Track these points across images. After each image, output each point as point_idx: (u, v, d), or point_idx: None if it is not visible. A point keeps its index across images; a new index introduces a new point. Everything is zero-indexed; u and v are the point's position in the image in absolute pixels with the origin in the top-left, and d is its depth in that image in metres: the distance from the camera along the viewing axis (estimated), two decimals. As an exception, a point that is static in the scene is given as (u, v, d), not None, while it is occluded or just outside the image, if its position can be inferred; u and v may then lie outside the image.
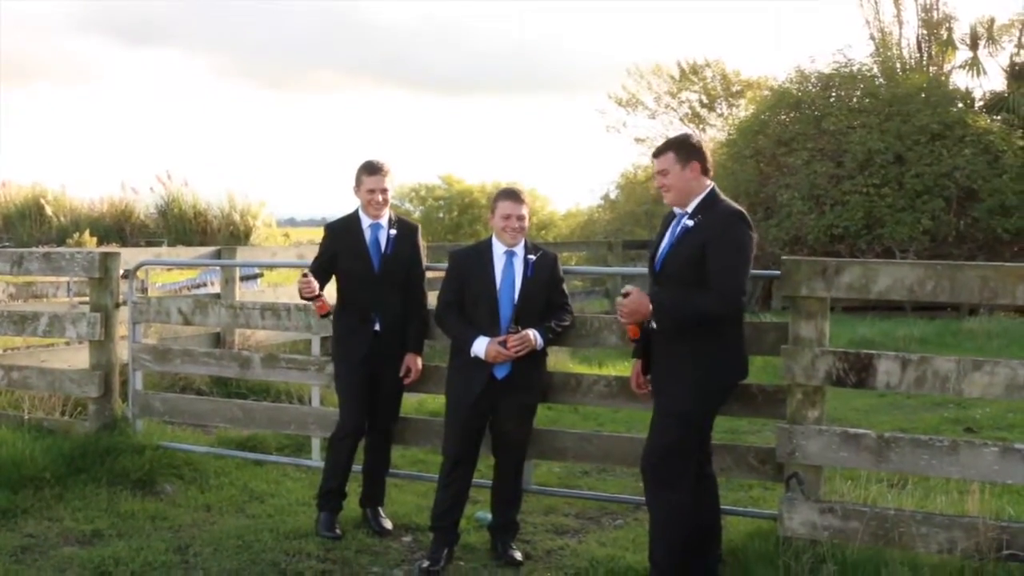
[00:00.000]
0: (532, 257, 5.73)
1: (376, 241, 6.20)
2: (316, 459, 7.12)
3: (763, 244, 20.08)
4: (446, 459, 5.79)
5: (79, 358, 8.54)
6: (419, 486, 6.92)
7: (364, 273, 6.17)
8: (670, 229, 5.15)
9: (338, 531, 6.11)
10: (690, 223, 4.99)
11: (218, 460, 7.38)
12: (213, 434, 8.27)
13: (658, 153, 5.14)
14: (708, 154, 5.15)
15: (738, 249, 4.87)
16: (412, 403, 8.73)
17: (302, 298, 6.12)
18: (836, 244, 20.00)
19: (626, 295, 4.88)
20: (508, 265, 5.70)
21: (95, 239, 22.67)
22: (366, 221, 6.22)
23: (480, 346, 5.58)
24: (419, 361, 6.32)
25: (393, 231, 6.22)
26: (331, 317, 6.30)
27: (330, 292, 6.28)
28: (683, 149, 5.08)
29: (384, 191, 6.19)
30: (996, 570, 4.71)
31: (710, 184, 5.09)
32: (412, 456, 7.67)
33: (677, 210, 5.13)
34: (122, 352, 7.81)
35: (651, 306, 4.85)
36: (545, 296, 5.74)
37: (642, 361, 5.39)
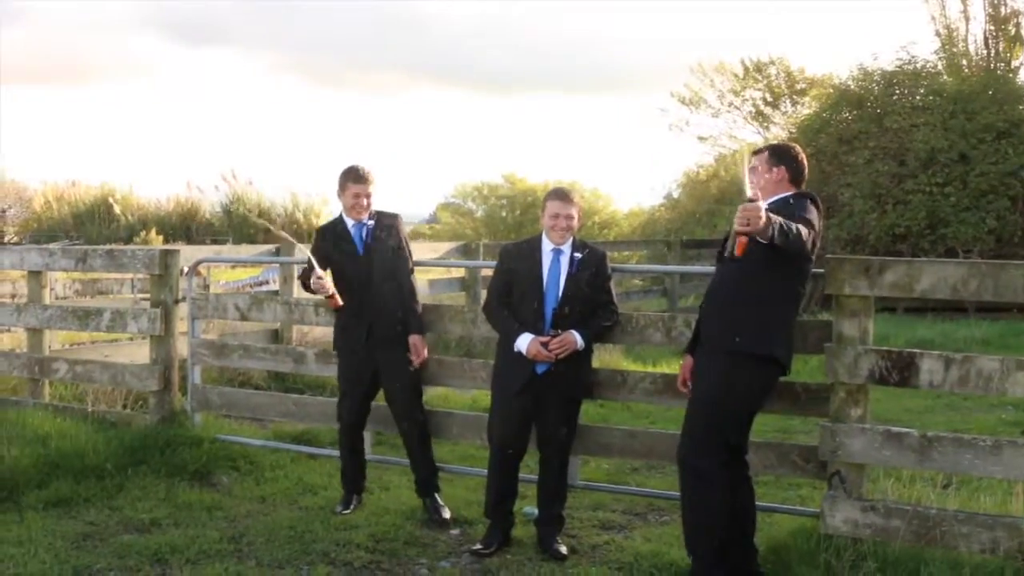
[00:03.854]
0: (578, 255, 5.82)
1: (360, 237, 6.50)
2: (368, 453, 7.24)
3: (824, 244, 19.88)
4: (492, 447, 5.98)
5: (140, 353, 8.76)
6: (468, 480, 7.01)
7: (353, 267, 6.47)
8: None
9: (348, 511, 6.50)
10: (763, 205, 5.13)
11: (273, 453, 7.56)
12: (269, 428, 8.44)
13: (758, 151, 5.44)
14: (803, 167, 5.34)
15: (805, 209, 5.06)
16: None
17: (313, 293, 6.57)
18: (898, 244, 19.76)
19: (752, 199, 4.69)
20: (555, 261, 5.81)
21: (162, 237, 23.11)
22: (350, 222, 6.53)
23: (523, 343, 5.70)
24: (423, 342, 6.58)
25: (371, 222, 6.52)
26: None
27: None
28: (776, 153, 5.36)
29: (368, 196, 6.49)
30: (1038, 570, 4.70)
31: (793, 191, 5.26)
32: (462, 451, 7.78)
33: None
34: (181, 347, 8.01)
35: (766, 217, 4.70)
36: (589, 293, 5.83)
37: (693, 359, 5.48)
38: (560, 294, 5.76)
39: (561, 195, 5.93)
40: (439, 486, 6.56)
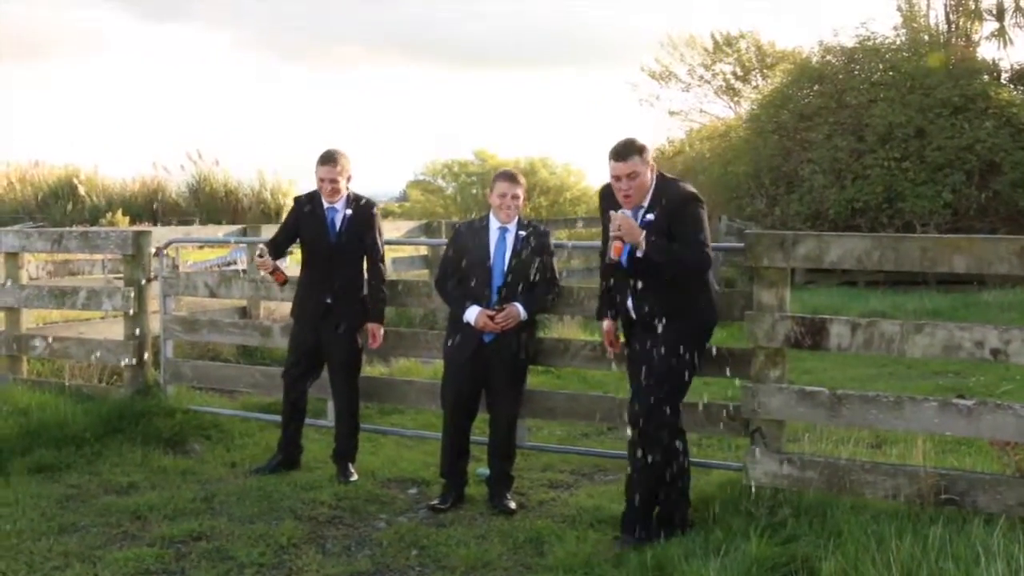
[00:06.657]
0: (523, 233, 6.28)
1: (332, 220, 6.81)
2: (332, 421, 7.66)
3: (785, 219, 20.38)
4: (445, 411, 6.45)
5: (114, 330, 9.14)
6: (426, 444, 7.46)
7: (321, 246, 6.83)
8: None
9: (272, 471, 6.89)
10: (650, 217, 5.47)
11: (243, 422, 8.01)
12: (238, 399, 8.88)
13: (625, 156, 5.41)
14: None
15: (698, 221, 5.41)
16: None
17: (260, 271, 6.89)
18: (857, 218, 20.15)
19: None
20: (501, 239, 6.27)
21: (128, 218, 23.20)
22: (326, 203, 6.84)
23: (471, 315, 6.18)
24: (380, 329, 6.96)
25: (349, 211, 6.82)
26: (287, 284, 7.05)
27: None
28: (644, 152, 5.47)
29: (334, 181, 6.74)
30: (933, 513, 5.17)
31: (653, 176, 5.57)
32: (424, 419, 8.23)
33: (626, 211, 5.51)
34: (153, 324, 8.42)
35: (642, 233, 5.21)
36: (532, 270, 6.29)
37: (611, 322, 5.96)
38: (505, 269, 6.23)
39: (508, 176, 6.37)
40: (354, 456, 6.98)
